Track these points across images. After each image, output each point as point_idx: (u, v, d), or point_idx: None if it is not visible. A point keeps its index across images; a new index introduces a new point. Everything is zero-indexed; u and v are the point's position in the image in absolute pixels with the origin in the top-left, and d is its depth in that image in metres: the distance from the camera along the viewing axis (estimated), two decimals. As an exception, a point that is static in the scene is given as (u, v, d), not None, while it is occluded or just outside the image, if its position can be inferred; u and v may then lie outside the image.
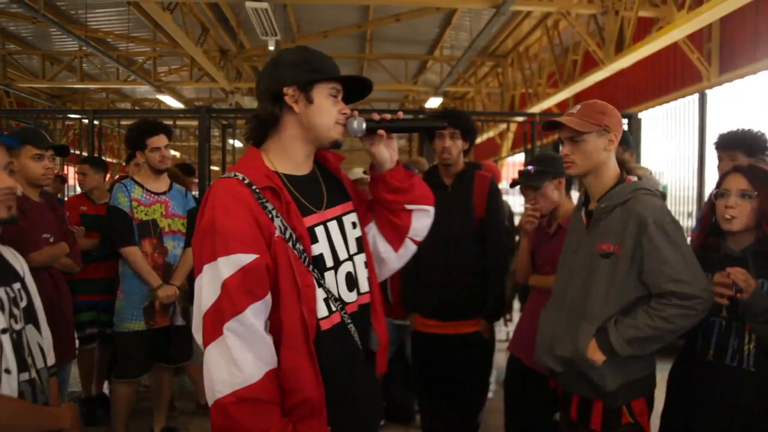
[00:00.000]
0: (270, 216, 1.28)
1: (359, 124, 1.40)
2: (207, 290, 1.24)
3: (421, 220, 1.56)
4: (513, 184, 2.65)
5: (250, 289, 1.23)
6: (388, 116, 1.44)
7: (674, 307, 1.67)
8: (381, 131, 1.43)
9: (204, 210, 1.29)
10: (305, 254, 1.31)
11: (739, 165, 1.90)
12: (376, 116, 1.44)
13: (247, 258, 1.23)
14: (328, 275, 1.36)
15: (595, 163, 1.82)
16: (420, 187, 1.55)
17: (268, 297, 1.27)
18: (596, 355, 1.73)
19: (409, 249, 1.59)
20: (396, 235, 1.55)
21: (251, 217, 1.26)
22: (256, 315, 1.24)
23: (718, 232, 1.88)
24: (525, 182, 2.49)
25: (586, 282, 1.81)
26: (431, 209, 1.59)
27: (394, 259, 1.58)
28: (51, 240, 2.69)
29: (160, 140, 3.01)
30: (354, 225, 1.47)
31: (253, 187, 1.29)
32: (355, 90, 1.46)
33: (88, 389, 3.74)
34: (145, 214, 3.00)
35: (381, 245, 1.55)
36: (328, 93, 1.37)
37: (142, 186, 3.04)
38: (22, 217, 2.46)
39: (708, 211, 1.93)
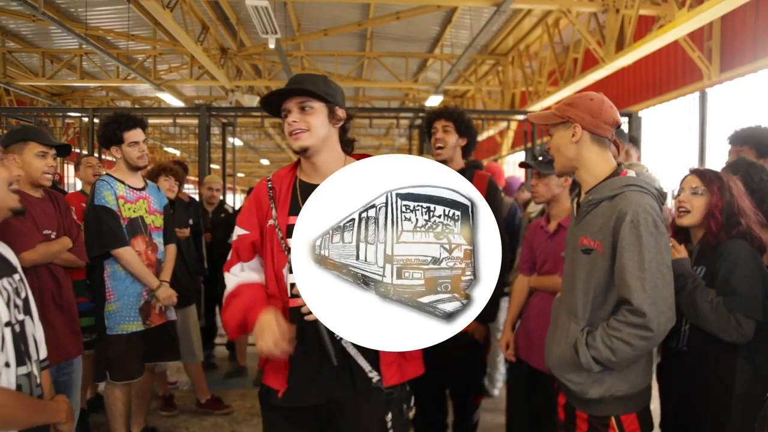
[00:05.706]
0: (272, 206, 1.70)
1: None
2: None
3: None
4: (522, 165, 2.74)
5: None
6: None
7: (629, 326, 1.55)
8: None
9: None
10: (283, 241, 1.66)
11: (694, 167, 2.05)
12: None
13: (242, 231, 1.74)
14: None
15: (566, 156, 1.74)
16: None
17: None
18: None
19: None
20: None
21: (255, 205, 1.73)
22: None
23: (686, 232, 2.04)
24: (535, 166, 2.49)
25: (571, 277, 1.74)
26: None
27: None
28: (53, 236, 2.58)
29: (138, 134, 2.89)
30: None
31: (269, 184, 1.73)
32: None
33: (83, 399, 3.48)
34: (133, 211, 2.90)
35: None
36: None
37: (122, 182, 2.90)
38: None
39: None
